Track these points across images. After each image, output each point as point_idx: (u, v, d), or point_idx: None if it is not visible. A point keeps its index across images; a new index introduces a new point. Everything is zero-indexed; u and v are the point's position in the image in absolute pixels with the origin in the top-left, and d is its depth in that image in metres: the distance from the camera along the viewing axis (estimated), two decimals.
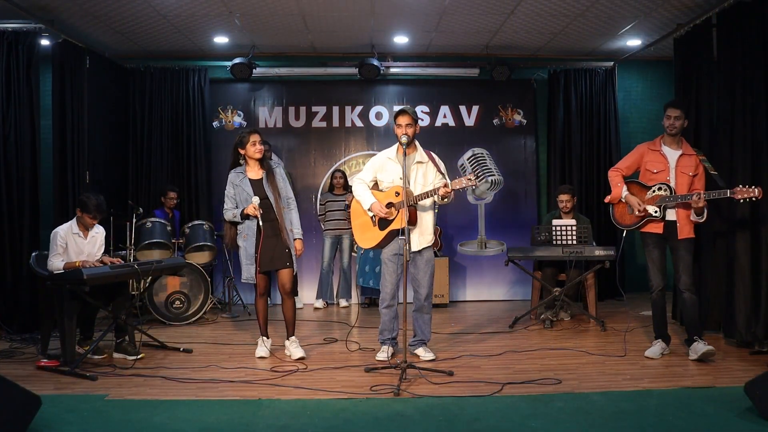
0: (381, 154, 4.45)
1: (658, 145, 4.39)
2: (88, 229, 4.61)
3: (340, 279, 6.90)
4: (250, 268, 4.36)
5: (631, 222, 4.40)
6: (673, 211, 4.25)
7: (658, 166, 4.32)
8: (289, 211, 4.49)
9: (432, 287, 4.38)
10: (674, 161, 4.30)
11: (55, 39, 5.79)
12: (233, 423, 3.16)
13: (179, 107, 6.98)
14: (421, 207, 4.28)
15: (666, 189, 4.25)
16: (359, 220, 4.45)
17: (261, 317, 4.49)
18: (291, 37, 6.63)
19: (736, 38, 4.70)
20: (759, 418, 3.10)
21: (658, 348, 4.34)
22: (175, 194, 6.56)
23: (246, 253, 4.38)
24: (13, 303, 5.21)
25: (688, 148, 4.35)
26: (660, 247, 4.34)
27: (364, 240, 4.43)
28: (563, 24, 6.19)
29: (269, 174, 4.43)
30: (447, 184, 4.08)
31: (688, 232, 4.26)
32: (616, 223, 4.53)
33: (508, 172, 7.27)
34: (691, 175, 4.26)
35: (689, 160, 4.29)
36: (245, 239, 4.39)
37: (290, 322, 4.49)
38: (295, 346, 4.44)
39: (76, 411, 3.33)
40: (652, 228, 4.31)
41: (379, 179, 4.40)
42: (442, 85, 7.34)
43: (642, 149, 4.46)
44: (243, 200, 4.36)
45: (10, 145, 5.26)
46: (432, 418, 3.20)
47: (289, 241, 4.40)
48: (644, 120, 7.53)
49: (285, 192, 4.49)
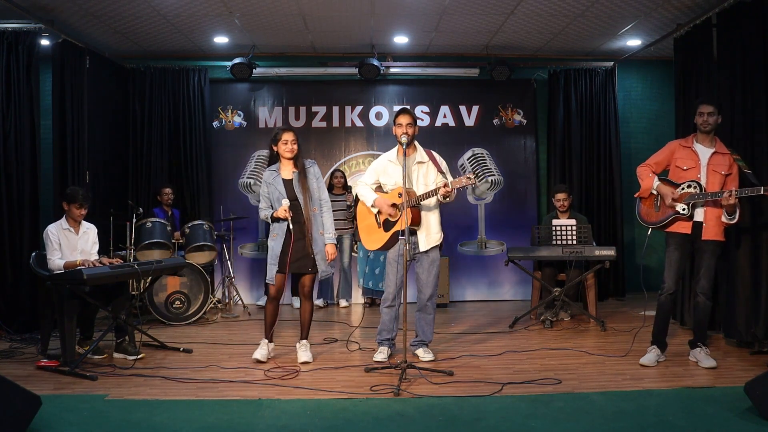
0: (382, 157, 4.46)
1: (691, 142, 4.17)
2: (78, 223, 4.63)
3: (340, 279, 6.90)
4: (272, 269, 4.27)
5: (656, 219, 4.18)
6: (702, 211, 4.04)
7: (689, 163, 4.10)
8: (321, 213, 4.36)
9: (436, 288, 4.36)
10: (706, 159, 4.07)
11: (55, 39, 5.80)
12: (233, 423, 3.16)
13: (179, 107, 6.98)
14: (426, 207, 4.27)
15: (696, 186, 4.03)
16: (365, 222, 4.46)
17: (269, 320, 4.37)
18: (291, 37, 6.63)
19: (736, 38, 4.70)
20: (759, 418, 3.10)
21: (653, 355, 4.18)
22: (170, 190, 6.56)
23: (272, 253, 4.28)
24: (13, 303, 5.21)
25: (721, 147, 4.13)
26: (682, 250, 4.14)
27: (370, 242, 4.43)
28: (563, 24, 6.19)
29: (301, 174, 4.32)
30: (447, 184, 4.07)
31: (715, 233, 4.05)
32: (641, 221, 4.30)
33: (508, 172, 7.27)
34: (723, 174, 4.04)
35: (722, 159, 4.07)
36: (274, 239, 4.29)
37: (306, 324, 4.41)
38: (304, 350, 4.38)
39: (76, 411, 3.33)
40: (679, 228, 4.10)
41: (382, 182, 4.41)
42: (442, 85, 7.34)
43: (673, 146, 4.24)
44: (276, 199, 4.28)
45: (10, 145, 5.26)
46: (432, 418, 3.20)
47: (316, 245, 4.29)
48: (644, 120, 7.54)
49: (317, 193, 4.36)
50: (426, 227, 4.27)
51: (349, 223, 6.74)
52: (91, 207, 4.75)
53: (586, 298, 5.90)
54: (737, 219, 4.01)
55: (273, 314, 4.36)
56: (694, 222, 4.08)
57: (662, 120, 7.32)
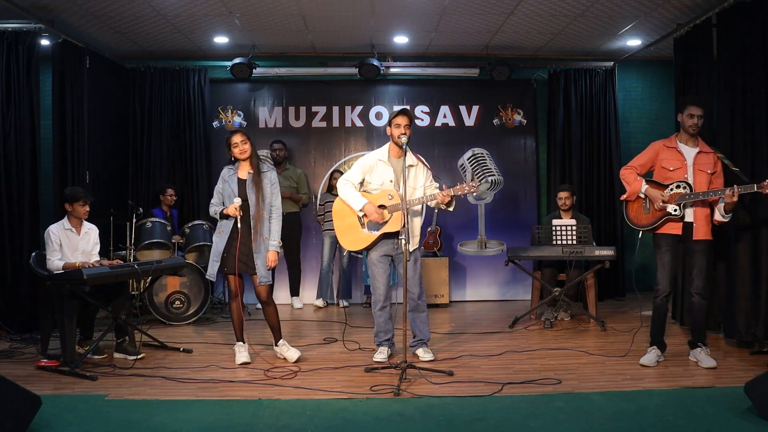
0: (371, 155, 4.37)
1: (674, 142, 4.18)
2: (81, 221, 4.63)
3: (340, 279, 6.90)
4: (215, 265, 4.28)
5: (647, 222, 4.16)
6: (691, 211, 4.06)
7: (675, 163, 4.11)
8: (269, 219, 4.32)
9: (422, 286, 4.37)
10: (692, 158, 4.10)
11: (55, 39, 5.80)
12: (233, 423, 3.16)
13: (179, 107, 6.98)
14: (412, 211, 4.26)
15: (685, 187, 4.03)
16: (345, 221, 4.35)
17: (236, 321, 4.33)
18: (291, 37, 6.63)
19: (736, 38, 4.70)
20: (759, 418, 3.10)
21: (653, 355, 4.17)
22: (173, 190, 6.56)
23: (215, 249, 4.29)
24: (13, 303, 5.21)
25: (704, 146, 4.16)
26: (673, 251, 4.13)
27: (349, 242, 4.36)
28: (563, 24, 6.19)
29: (256, 175, 4.30)
30: (446, 191, 4.08)
31: (705, 233, 4.07)
32: (631, 224, 4.27)
33: (508, 172, 7.27)
34: (709, 172, 4.07)
35: (707, 158, 4.11)
36: (220, 235, 4.29)
37: (275, 327, 4.38)
38: (287, 349, 4.36)
39: (76, 411, 3.33)
40: (670, 229, 4.09)
41: (368, 180, 4.33)
42: (442, 85, 7.34)
43: (657, 146, 4.24)
44: (227, 196, 4.30)
45: (10, 145, 5.26)
46: (432, 418, 3.20)
47: (258, 249, 4.25)
48: (644, 120, 7.54)
49: (269, 198, 4.32)
50: (411, 231, 4.22)
51: None
52: (92, 206, 4.76)
53: (586, 298, 5.90)
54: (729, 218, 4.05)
55: (238, 313, 4.33)
56: (685, 222, 4.09)
57: (662, 120, 7.32)
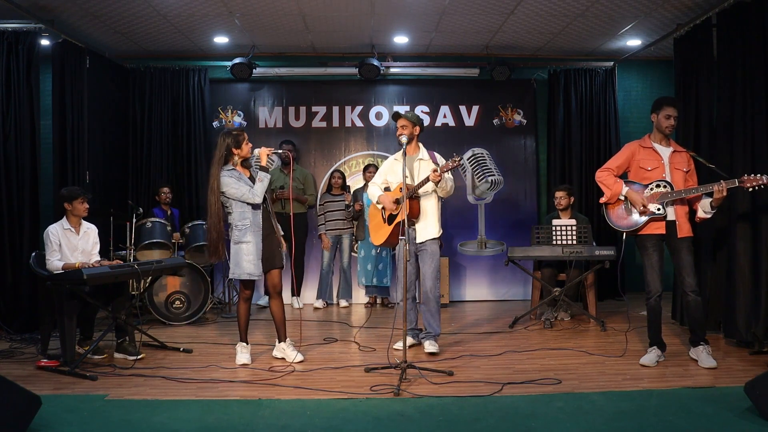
0: (389, 158, 4.82)
1: (649, 142, 4.24)
2: (80, 221, 4.64)
3: (340, 279, 6.89)
4: (258, 264, 4.17)
5: (631, 223, 4.19)
6: (672, 210, 4.13)
7: (653, 163, 4.17)
8: None
9: (437, 280, 4.49)
10: (667, 158, 4.18)
11: (55, 39, 5.80)
12: (233, 423, 3.15)
13: (179, 107, 6.98)
14: (425, 199, 4.46)
15: (666, 185, 4.10)
16: (375, 221, 4.73)
17: (243, 322, 4.34)
18: (291, 37, 6.63)
19: (736, 38, 4.70)
20: (759, 418, 3.10)
21: (653, 355, 4.18)
22: (168, 189, 6.56)
23: (253, 248, 4.15)
24: (13, 303, 5.21)
25: (676, 145, 4.27)
26: (659, 250, 4.16)
27: (376, 237, 4.68)
28: (563, 24, 6.19)
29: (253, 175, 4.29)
30: (436, 169, 4.21)
31: (687, 230, 4.13)
32: (613, 226, 4.27)
33: (508, 172, 7.26)
34: (684, 171, 4.16)
35: (680, 157, 4.20)
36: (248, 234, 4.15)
37: (283, 322, 4.37)
38: (292, 349, 4.35)
39: (75, 411, 3.33)
40: (653, 229, 4.12)
41: (389, 181, 4.67)
42: (442, 85, 7.34)
43: (633, 147, 4.28)
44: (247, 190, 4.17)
45: (10, 145, 5.26)
46: (432, 418, 3.20)
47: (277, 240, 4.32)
48: (644, 120, 7.51)
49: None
50: (424, 220, 4.46)
51: (348, 223, 6.75)
52: (91, 206, 4.76)
53: (586, 298, 5.90)
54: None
55: (246, 315, 4.37)
56: (668, 221, 4.13)
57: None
